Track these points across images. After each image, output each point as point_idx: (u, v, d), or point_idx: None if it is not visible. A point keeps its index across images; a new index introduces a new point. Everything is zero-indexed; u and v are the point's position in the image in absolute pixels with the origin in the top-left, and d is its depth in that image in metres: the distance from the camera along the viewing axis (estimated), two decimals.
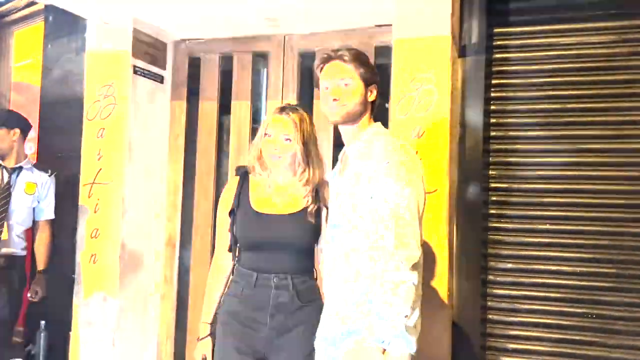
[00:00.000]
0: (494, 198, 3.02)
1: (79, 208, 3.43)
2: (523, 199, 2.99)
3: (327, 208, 2.15)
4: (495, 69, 3.04)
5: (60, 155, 3.86)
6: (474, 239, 2.97)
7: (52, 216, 3.54)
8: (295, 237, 2.15)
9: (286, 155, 2.18)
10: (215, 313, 2.26)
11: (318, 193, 2.22)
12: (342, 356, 1.93)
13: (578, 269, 2.89)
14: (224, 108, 3.70)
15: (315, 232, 2.20)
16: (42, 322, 3.75)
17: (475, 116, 2.96)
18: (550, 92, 2.98)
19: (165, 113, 3.72)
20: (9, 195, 3.33)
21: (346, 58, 2.02)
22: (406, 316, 1.80)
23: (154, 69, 3.61)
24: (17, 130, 3.48)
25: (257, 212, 2.18)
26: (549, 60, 2.98)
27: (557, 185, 2.95)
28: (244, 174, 2.29)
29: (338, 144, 3.11)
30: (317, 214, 2.19)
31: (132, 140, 3.47)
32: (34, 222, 3.50)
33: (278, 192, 2.22)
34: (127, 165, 3.44)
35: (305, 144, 2.19)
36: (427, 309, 2.72)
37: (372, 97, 2.06)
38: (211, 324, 2.25)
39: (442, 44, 2.83)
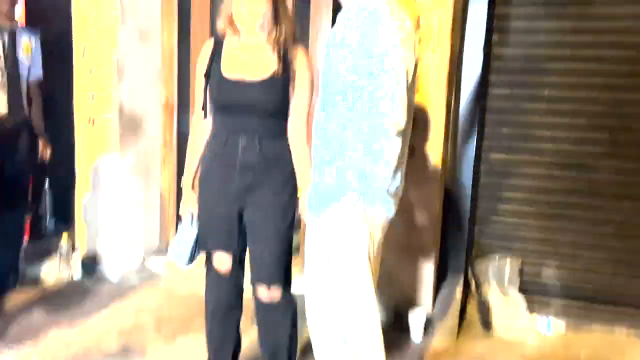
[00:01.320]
0: (495, 64, 3.01)
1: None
2: (524, 65, 2.99)
3: (294, 71, 2.19)
4: None
5: (49, 16, 3.73)
6: (473, 104, 3.00)
7: (42, 76, 3.48)
8: (262, 101, 2.19)
9: (257, 14, 2.15)
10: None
11: (287, 56, 2.21)
12: (322, 221, 1.95)
13: (573, 135, 2.96)
14: None
15: (283, 95, 2.22)
16: (46, 181, 3.85)
17: None
18: None
19: None
20: (17, 58, 3.25)
21: None
22: (387, 181, 1.84)
23: None
24: None
25: (226, 78, 2.22)
26: None
27: (558, 52, 2.94)
28: (219, 39, 2.29)
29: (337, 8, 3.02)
30: (285, 77, 2.20)
31: (124, 1, 3.35)
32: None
33: (249, 56, 2.23)
34: (120, 28, 3.36)
35: (274, 1, 2.16)
36: (420, 175, 2.83)
37: None
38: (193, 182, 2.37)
39: None
